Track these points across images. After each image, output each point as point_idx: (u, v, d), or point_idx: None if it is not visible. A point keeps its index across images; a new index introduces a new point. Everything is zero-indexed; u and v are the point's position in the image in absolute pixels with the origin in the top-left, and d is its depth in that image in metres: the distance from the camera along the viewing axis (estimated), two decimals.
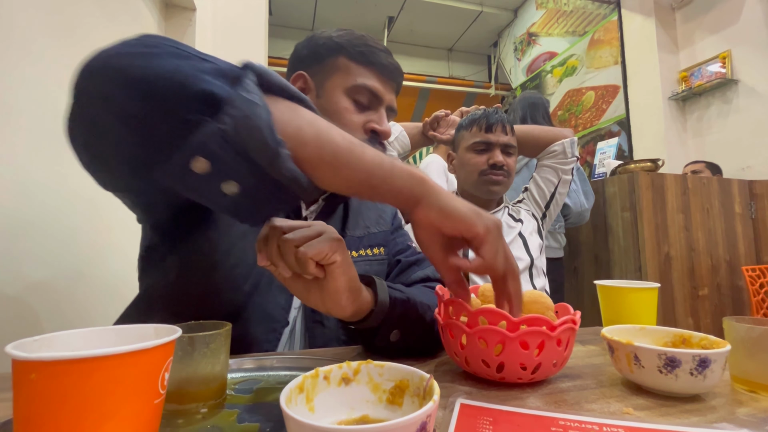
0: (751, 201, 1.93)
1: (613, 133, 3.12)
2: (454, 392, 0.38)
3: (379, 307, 0.47)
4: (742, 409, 0.35)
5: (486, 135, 1.04)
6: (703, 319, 1.75)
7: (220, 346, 0.37)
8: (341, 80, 0.60)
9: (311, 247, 0.39)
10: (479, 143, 1.05)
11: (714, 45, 2.64)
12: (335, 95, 0.60)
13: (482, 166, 1.04)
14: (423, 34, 4.74)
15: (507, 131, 1.06)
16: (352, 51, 0.61)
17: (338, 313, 0.44)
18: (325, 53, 0.61)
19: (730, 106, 2.56)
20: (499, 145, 1.04)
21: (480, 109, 1.11)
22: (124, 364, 0.20)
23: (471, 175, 1.06)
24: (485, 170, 1.04)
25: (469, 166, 1.06)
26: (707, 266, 1.79)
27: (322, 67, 0.61)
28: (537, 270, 1.06)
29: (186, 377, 0.35)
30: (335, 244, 0.41)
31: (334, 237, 0.41)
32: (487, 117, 1.06)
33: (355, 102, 0.60)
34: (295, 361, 0.46)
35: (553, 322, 0.40)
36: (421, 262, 0.69)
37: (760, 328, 0.40)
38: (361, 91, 0.60)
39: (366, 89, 0.60)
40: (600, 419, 0.33)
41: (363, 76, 0.60)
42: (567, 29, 3.68)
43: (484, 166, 1.04)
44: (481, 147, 1.05)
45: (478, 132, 1.06)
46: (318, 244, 0.39)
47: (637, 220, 1.70)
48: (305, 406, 0.29)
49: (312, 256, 0.39)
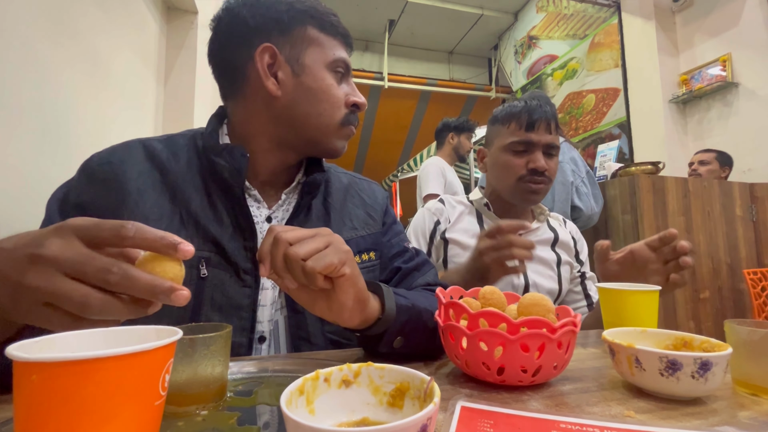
0: (752, 204, 1.93)
1: (614, 135, 3.12)
2: (455, 395, 0.38)
3: (386, 315, 0.46)
4: (744, 413, 0.35)
5: (527, 134, 0.88)
6: (704, 322, 1.74)
7: (220, 348, 0.37)
8: (319, 55, 0.57)
9: (320, 261, 0.38)
10: (518, 143, 0.88)
11: (714, 48, 2.65)
12: (319, 72, 0.57)
13: (521, 170, 0.88)
14: (424, 37, 4.76)
15: (551, 129, 0.89)
16: (322, 22, 0.58)
17: (345, 323, 0.44)
18: (290, 23, 0.56)
19: (731, 109, 2.57)
20: (541, 145, 0.88)
21: (520, 101, 0.93)
22: (124, 366, 0.20)
23: (507, 180, 0.90)
24: (524, 176, 0.87)
25: (505, 170, 0.90)
26: (708, 269, 1.79)
27: (289, 39, 0.56)
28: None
29: (186, 379, 0.35)
30: (344, 257, 0.40)
31: (343, 249, 0.40)
32: (530, 112, 0.88)
33: (334, 76, 0.59)
34: (295, 364, 0.46)
35: (554, 325, 0.40)
36: (422, 266, 0.67)
37: (761, 331, 0.40)
38: (339, 64, 0.59)
39: (342, 62, 0.59)
40: (601, 422, 0.33)
41: (336, 48, 0.59)
42: (567, 32, 3.69)
43: (523, 171, 0.87)
44: (520, 148, 0.88)
45: (518, 130, 0.89)
46: (327, 258, 0.38)
47: (638, 222, 1.70)
48: (305, 408, 0.28)
49: (320, 270, 0.38)
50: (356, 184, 0.72)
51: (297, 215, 0.60)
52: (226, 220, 0.55)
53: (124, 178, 0.53)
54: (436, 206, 0.97)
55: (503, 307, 0.47)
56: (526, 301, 0.45)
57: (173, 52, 1.63)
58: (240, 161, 0.55)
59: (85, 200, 0.52)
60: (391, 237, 0.69)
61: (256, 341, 0.55)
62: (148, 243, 0.31)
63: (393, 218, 0.73)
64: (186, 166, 0.57)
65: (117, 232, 0.31)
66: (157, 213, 0.53)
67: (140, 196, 0.53)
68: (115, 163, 0.54)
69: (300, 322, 0.56)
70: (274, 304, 0.57)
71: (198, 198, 0.55)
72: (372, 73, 4.65)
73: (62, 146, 0.92)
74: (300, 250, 0.38)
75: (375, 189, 0.74)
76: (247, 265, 0.55)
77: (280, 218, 0.60)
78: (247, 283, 0.54)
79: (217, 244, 0.54)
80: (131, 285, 0.29)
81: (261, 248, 0.40)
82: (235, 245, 0.55)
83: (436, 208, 0.96)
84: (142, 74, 1.42)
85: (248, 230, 0.55)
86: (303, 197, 0.60)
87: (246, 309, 0.54)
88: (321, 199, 0.65)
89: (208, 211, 0.55)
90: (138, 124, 1.39)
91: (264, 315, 0.56)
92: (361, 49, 4.85)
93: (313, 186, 0.61)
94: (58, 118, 0.92)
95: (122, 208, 0.52)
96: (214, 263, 0.53)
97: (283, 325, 0.57)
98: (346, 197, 0.68)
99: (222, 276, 0.53)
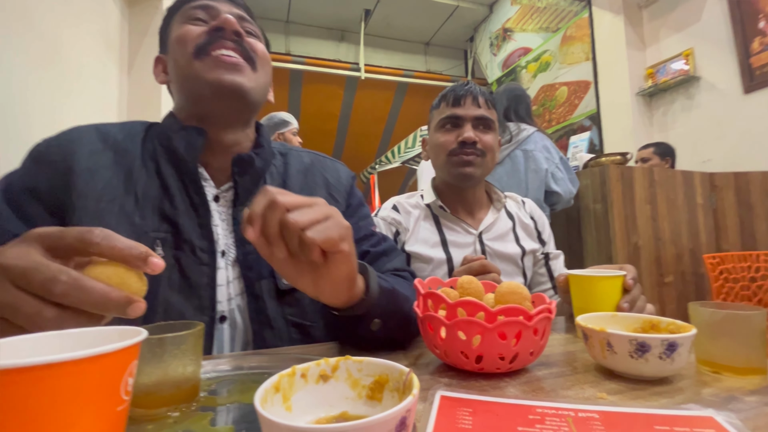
0: (712, 192, 2.04)
1: (585, 127, 3.21)
2: (434, 384, 0.38)
3: (370, 296, 0.45)
4: (707, 390, 0.37)
5: (453, 109, 0.88)
6: (668, 305, 1.83)
7: (191, 347, 0.35)
8: (177, 19, 0.59)
9: (320, 233, 0.36)
10: (446, 119, 0.89)
11: (678, 43, 2.76)
12: (175, 30, 0.57)
13: (451, 144, 0.87)
14: (400, 27, 4.73)
15: (480, 103, 0.89)
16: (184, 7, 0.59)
17: (329, 300, 0.43)
18: (164, 28, 0.61)
19: (693, 102, 2.68)
20: (470, 119, 0.87)
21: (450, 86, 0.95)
22: (80, 371, 0.18)
23: (440, 157, 0.90)
24: (454, 149, 0.87)
25: (437, 147, 0.90)
26: (672, 255, 1.88)
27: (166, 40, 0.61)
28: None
29: (156, 380, 0.33)
30: (344, 232, 0.38)
31: (343, 224, 0.39)
32: (455, 90, 0.90)
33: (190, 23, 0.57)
34: (271, 360, 0.45)
35: (530, 312, 0.40)
36: (390, 252, 0.66)
37: (722, 312, 0.42)
38: (191, 10, 0.57)
39: (193, 7, 0.58)
40: (575, 405, 0.33)
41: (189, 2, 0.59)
42: (541, 25, 3.75)
43: (453, 145, 0.87)
44: (448, 123, 0.89)
45: (446, 108, 0.90)
46: (327, 230, 0.36)
47: (608, 211, 1.76)
48: (282, 405, 0.28)
49: (320, 243, 0.36)
50: (319, 163, 0.70)
51: (246, 197, 0.58)
52: (179, 198, 0.55)
53: (73, 158, 0.51)
54: (392, 216, 0.92)
55: (481, 296, 0.48)
56: (503, 290, 0.46)
57: (137, 38, 1.54)
58: (196, 139, 0.56)
59: (31, 184, 0.50)
60: (357, 220, 0.67)
61: (218, 321, 0.54)
62: (116, 252, 0.29)
63: (359, 200, 0.71)
64: (140, 148, 0.57)
65: (82, 237, 0.29)
66: (111, 193, 0.51)
67: (91, 176, 0.51)
68: (64, 144, 0.53)
69: (260, 306, 0.55)
70: (230, 284, 0.56)
71: (152, 179, 0.55)
72: (348, 64, 4.58)
73: (13, 138, 0.86)
74: (300, 218, 0.35)
75: (339, 168, 0.72)
76: (203, 242, 0.54)
77: (228, 198, 0.59)
78: (203, 261, 0.54)
79: (172, 224, 0.53)
80: (81, 297, 0.27)
81: (252, 209, 0.35)
82: (190, 223, 0.54)
83: (393, 218, 0.91)
84: (103, 62, 1.34)
85: (202, 207, 0.55)
86: (235, 177, 0.58)
87: (204, 288, 0.53)
88: (280, 180, 0.64)
89: (161, 191, 0.55)
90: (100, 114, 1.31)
91: (222, 294, 0.55)
92: (337, 39, 4.77)
93: (243, 165, 0.58)
94: (8, 108, 0.86)
95: (71, 189, 0.50)
96: (170, 243, 0.52)
97: (242, 309, 0.56)
98: (307, 177, 0.66)
99: (178, 255, 0.52)
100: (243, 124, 0.61)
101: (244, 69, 0.56)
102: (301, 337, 0.57)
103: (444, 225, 0.91)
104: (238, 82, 0.55)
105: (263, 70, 0.60)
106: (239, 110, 0.59)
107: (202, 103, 0.57)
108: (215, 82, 0.54)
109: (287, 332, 0.56)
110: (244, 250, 0.56)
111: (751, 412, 0.32)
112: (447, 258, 0.86)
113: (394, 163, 4.02)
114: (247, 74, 0.57)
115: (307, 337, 0.58)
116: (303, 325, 0.58)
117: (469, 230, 0.90)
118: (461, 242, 0.89)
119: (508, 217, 0.95)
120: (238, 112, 0.59)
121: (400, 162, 3.91)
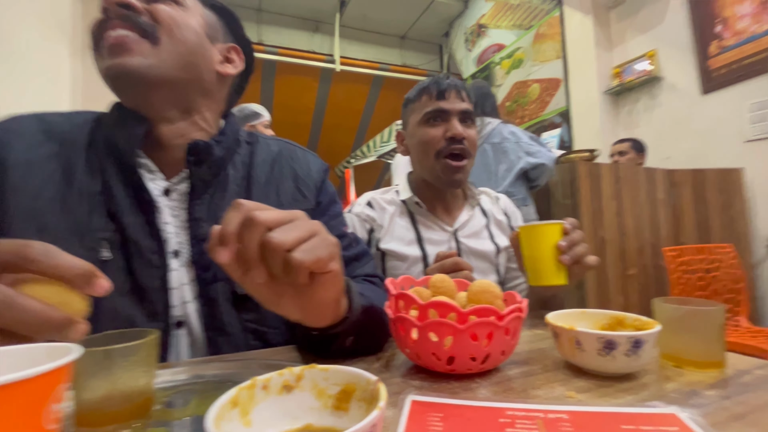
0: (672, 189, 2.14)
1: (556, 124, 3.29)
2: (406, 388, 0.37)
3: (353, 314, 0.42)
4: (670, 385, 0.38)
5: (439, 103, 0.84)
6: (631, 296, 1.92)
7: (143, 358, 0.33)
8: None
9: (309, 254, 0.32)
10: (432, 112, 0.84)
11: (643, 44, 2.86)
12: None
13: (439, 142, 0.84)
14: (376, 20, 4.67)
15: (463, 97, 0.86)
16: None
17: (314, 323, 0.39)
18: None
19: (655, 102, 2.80)
20: (456, 113, 0.84)
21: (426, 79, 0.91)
22: None
23: (427, 156, 0.86)
24: (443, 148, 0.83)
25: (423, 144, 0.86)
26: (635, 248, 1.96)
27: None
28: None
29: (101, 396, 0.31)
30: (333, 250, 0.35)
31: (331, 241, 0.35)
32: (438, 82, 0.86)
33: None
34: (235, 367, 0.42)
35: (501, 312, 0.40)
36: (362, 256, 0.63)
37: (684, 308, 0.43)
38: None
39: None
40: (545, 406, 0.33)
41: None
42: (514, 22, 3.80)
43: (442, 143, 0.83)
44: (435, 117, 0.85)
45: (429, 101, 0.85)
46: (316, 250, 0.32)
47: (577, 207, 1.82)
48: (240, 421, 0.26)
49: (309, 265, 0.32)
50: (288, 152, 0.65)
51: (203, 189, 0.54)
52: (121, 194, 0.50)
53: (6, 149, 0.47)
54: (366, 213, 0.89)
55: (453, 295, 0.47)
56: (476, 288, 0.46)
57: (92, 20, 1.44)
58: (135, 129, 0.50)
59: None
60: (328, 219, 0.62)
61: (173, 327, 0.50)
62: (59, 271, 0.26)
63: (330, 197, 0.66)
64: (84, 141, 0.51)
65: (18, 252, 0.25)
66: (51, 190, 0.47)
67: (29, 169, 0.46)
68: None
69: (213, 311, 0.51)
70: (185, 287, 0.51)
71: (95, 174, 0.50)
72: (323, 56, 4.49)
73: None
74: (285, 238, 0.31)
75: (310, 160, 0.67)
76: (151, 242, 0.50)
77: (181, 191, 0.54)
78: (153, 263, 0.49)
79: (117, 223, 0.49)
80: (15, 317, 0.24)
81: (224, 228, 0.31)
82: (135, 221, 0.50)
83: (367, 215, 0.89)
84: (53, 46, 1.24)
85: (146, 203, 0.50)
86: (191, 167, 0.53)
87: (157, 292, 0.49)
88: (244, 172, 0.59)
89: (105, 187, 0.50)
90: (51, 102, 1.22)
91: (176, 298, 0.50)
92: (312, 29, 4.66)
93: (200, 153, 0.52)
94: None
95: (3, 184, 0.45)
96: (116, 244, 0.48)
97: (195, 315, 0.51)
98: (274, 167, 0.61)
99: (125, 257, 0.48)
100: (182, 112, 0.54)
101: (132, 45, 0.47)
102: (259, 344, 0.54)
103: (419, 222, 0.90)
104: (120, 64, 0.47)
105: (174, 40, 0.50)
106: (150, 96, 0.50)
107: (119, 97, 0.51)
108: (104, 71, 0.48)
109: (244, 339, 0.52)
110: (198, 248, 0.52)
111: (711, 407, 0.33)
112: (422, 255, 0.85)
113: (370, 157, 3.99)
114: (140, 51, 0.48)
115: (266, 344, 0.54)
116: (262, 332, 0.54)
117: (445, 228, 0.89)
118: (437, 239, 0.88)
119: (483, 214, 0.96)
120: (155, 99, 0.51)
121: (375, 156, 3.89)
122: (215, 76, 0.57)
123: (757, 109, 2.26)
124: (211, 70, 0.56)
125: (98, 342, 0.34)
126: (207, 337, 0.51)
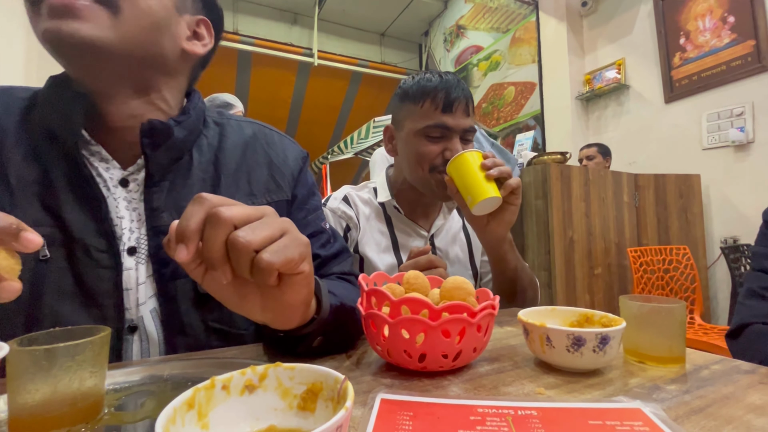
0: (636, 192, 2.24)
1: (530, 126, 3.38)
2: (376, 386, 0.36)
3: (321, 316, 0.40)
4: (634, 380, 0.39)
5: (444, 118, 0.75)
6: (596, 294, 2.00)
7: (91, 357, 0.30)
8: None
9: (279, 255, 0.30)
10: (434, 128, 0.76)
11: (612, 52, 2.98)
12: None
13: (436, 160, 0.76)
14: (355, 15, 4.63)
15: (469, 111, 0.78)
16: None
17: (280, 325, 0.37)
18: None
19: (623, 109, 2.93)
20: (459, 131, 0.77)
21: (434, 75, 0.78)
22: None
23: (419, 170, 0.78)
24: (438, 166, 0.76)
25: (418, 158, 0.78)
26: (601, 248, 2.04)
27: None
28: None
29: (41, 399, 0.28)
30: (304, 250, 0.33)
31: (302, 240, 0.33)
32: (447, 91, 0.75)
33: None
34: (195, 366, 0.40)
35: (474, 309, 0.39)
36: (340, 254, 0.59)
37: (648, 305, 0.44)
38: None
39: None
40: (515, 402, 0.33)
41: None
42: (492, 25, 3.86)
43: (438, 161, 0.76)
44: (436, 134, 0.76)
45: (433, 111, 0.76)
46: (286, 251, 0.30)
47: (548, 207, 1.87)
48: (196, 424, 0.24)
49: (279, 266, 0.30)
50: (264, 137, 0.59)
51: (161, 176, 0.48)
52: (62, 187, 0.44)
53: None
54: (342, 209, 0.85)
55: (426, 292, 0.47)
56: (449, 285, 0.45)
57: None
58: (72, 109, 0.43)
59: None
60: (306, 214, 0.58)
61: (126, 331, 0.45)
62: None
63: (309, 189, 0.60)
64: (19, 123, 0.45)
65: None
66: None
67: None
68: None
69: (172, 309, 0.47)
70: (141, 287, 0.47)
71: (29, 161, 0.44)
72: (301, 49, 4.41)
73: None
74: (253, 237, 0.29)
75: (287, 146, 0.61)
76: (99, 241, 0.45)
77: (140, 181, 0.48)
78: (102, 263, 0.44)
79: (57, 217, 0.43)
80: None
81: (185, 223, 0.29)
82: (79, 218, 0.44)
83: (343, 212, 0.85)
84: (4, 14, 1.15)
85: (93, 197, 0.45)
86: (146, 150, 0.46)
87: (107, 295, 0.44)
88: (210, 156, 0.53)
89: (43, 176, 0.44)
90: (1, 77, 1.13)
91: (130, 301, 0.46)
92: (290, 21, 4.56)
93: (156, 135, 0.46)
94: None
95: None
96: (57, 241, 0.43)
97: (155, 315, 0.47)
98: (246, 152, 0.56)
99: (69, 256, 0.44)
100: (136, 90, 0.47)
101: (84, 11, 0.40)
102: (222, 345, 0.50)
103: (396, 227, 0.88)
104: (63, 30, 0.39)
105: (138, 10, 0.43)
106: (98, 69, 0.43)
107: (60, 64, 0.43)
108: (41, 34, 0.40)
109: (206, 340, 0.49)
110: (156, 242, 0.47)
111: (672, 401, 0.34)
112: (398, 263, 0.84)
113: (347, 153, 3.96)
114: (94, 18, 0.40)
115: (230, 345, 0.51)
116: (226, 332, 0.51)
117: (421, 232, 0.88)
118: (412, 245, 0.87)
119: (459, 214, 0.96)
120: (104, 73, 0.44)
121: (353, 153, 3.85)
122: (180, 54, 0.50)
123: (714, 119, 2.40)
124: (177, 47, 0.49)
125: (42, 340, 0.31)
126: (164, 336, 0.47)
